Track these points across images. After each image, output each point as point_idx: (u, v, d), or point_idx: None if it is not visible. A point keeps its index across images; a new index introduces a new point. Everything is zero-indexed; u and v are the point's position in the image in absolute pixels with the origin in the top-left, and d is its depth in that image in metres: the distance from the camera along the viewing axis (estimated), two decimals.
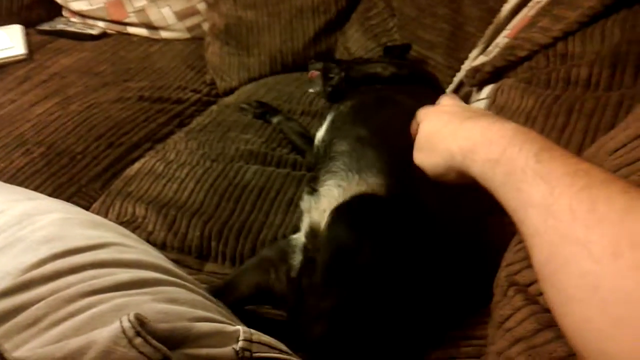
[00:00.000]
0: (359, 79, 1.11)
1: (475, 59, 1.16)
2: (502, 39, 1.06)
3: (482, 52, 1.14)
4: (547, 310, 0.48)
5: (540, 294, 0.51)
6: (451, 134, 0.55)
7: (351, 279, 0.67)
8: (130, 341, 0.39)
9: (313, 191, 0.83)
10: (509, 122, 0.49)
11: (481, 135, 0.49)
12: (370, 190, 0.76)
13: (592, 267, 0.33)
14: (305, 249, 0.77)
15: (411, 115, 0.70)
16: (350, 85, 1.10)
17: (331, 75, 1.08)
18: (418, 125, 0.65)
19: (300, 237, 0.80)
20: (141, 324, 0.39)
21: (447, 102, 0.66)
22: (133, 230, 0.95)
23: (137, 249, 0.56)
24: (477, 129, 0.51)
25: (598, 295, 0.32)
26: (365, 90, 1.05)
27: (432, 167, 0.59)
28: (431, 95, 1.10)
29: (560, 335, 0.45)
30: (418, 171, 0.65)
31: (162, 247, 0.95)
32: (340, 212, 0.73)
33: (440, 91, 1.19)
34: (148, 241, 0.93)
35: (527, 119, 0.83)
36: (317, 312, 0.67)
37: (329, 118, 1.01)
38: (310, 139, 1.11)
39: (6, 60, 1.52)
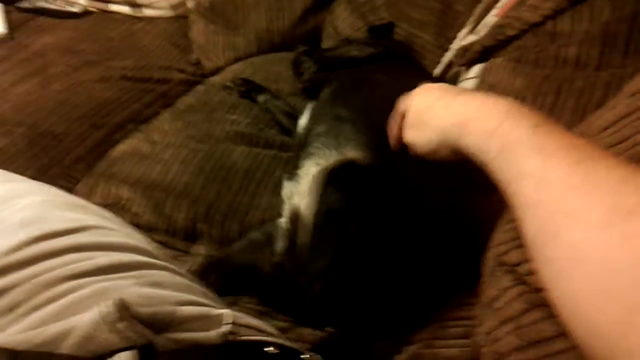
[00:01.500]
0: (335, 65, 1.09)
1: (464, 38, 1.14)
2: (491, 18, 1.05)
3: (471, 31, 1.13)
4: (536, 290, 0.48)
5: (529, 274, 0.50)
6: (444, 109, 0.54)
7: (342, 240, 0.67)
8: (111, 326, 0.38)
9: (292, 176, 0.82)
10: (503, 97, 0.48)
11: (476, 110, 0.49)
12: None
13: (582, 237, 0.32)
14: (289, 233, 0.77)
15: (388, 91, 0.69)
16: (326, 72, 1.08)
17: (301, 71, 1.06)
18: (403, 108, 0.64)
19: (283, 223, 0.80)
20: (123, 308, 0.39)
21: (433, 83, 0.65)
22: (118, 212, 0.94)
23: (119, 231, 0.55)
24: (472, 104, 0.50)
25: (587, 266, 0.32)
26: (342, 74, 1.04)
27: (424, 143, 0.58)
28: (408, 70, 1.09)
29: (549, 315, 0.45)
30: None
31: (148, 229, 0.94)
32: (331, 175, 0.73)
33: (417, 66, 1.18)
34: (133, 223, 0.92)
35: (516, 98, 0.80)
36: (313, 273, 0.68)
37: (309, 105, 1.00)
38: (297, 118, 1.10)
39: None
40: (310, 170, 0.79)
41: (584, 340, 0.32)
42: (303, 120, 0.99)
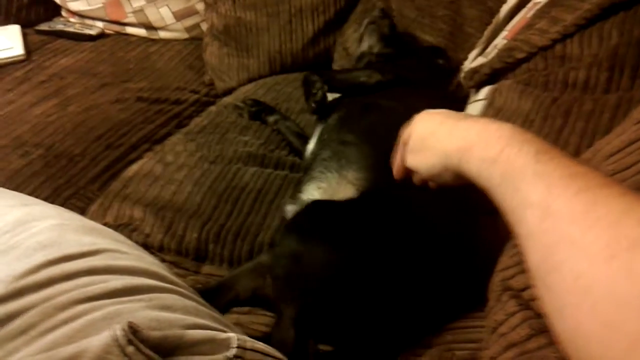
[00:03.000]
0: (343, 89, 1.10)
1: (473, 60, 1.15)
2: (500, 40, 1.06)
3: (481, 53, 1.14)
4: (541, 315, 0.48)
5: (534, 299, 0.50)
6: (447, 134, 0.54)
7: (310, 283, 0.67)
8: (122, 349, 0.39)
9: (295, 201, 0.83)
10: (505, 123, 0.49)
11: (478, 135, 0.49)
12: (350, 186, 0.76)
13: (586, 269, 0.32)
14: None
15: (394, 117, 0.70)
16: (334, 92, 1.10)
17: (314, 91, 1.07)
18: (406, 136, 0.65)
19: None
20: (134, 332, 0.39)
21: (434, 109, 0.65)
22: (130, 233, 0.96)
23: (131, 255, 0.56)
24: (474, 129, 0.50)
25: (591, 298, 0.31)
26: (351, 101, 1.05)
27: (427, 168, 0.58)
28: (419, 96, 1.09)
29: (553, 341, 0.45)
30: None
31: (159, 249, 0.95)
32: (288, 224, 0.73)
33: (431, 91, 1.18)
34: (145, 244, 0.94)
35: (524, 121, 0.83)
36: (289, 321, 0.68)
37: (317, 130, 1.01)
38: (307, 139, 1.11)
39: (4, 60, 1.52)
40: (312, 194, 0.79)
41: None
42: (311, 146, 1.00)
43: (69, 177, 1.13)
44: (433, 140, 0.57)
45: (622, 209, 0.33)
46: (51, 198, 1.07)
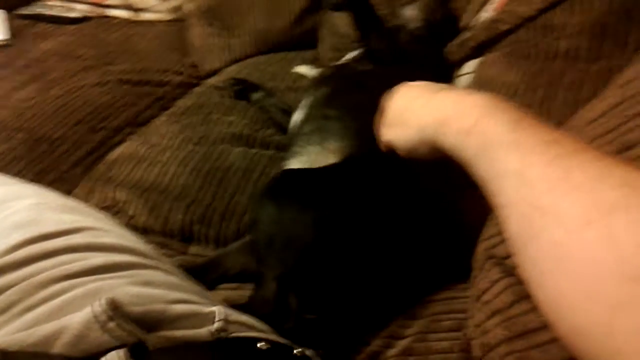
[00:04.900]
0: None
1: (460, 34, 1.15)
2: (486, 14, 1.05)
3: (467, 26, 1.13)
4: (523, 282, 0.49)
5: (517, 266, 0.51)
6: (423, 107, 0.53)
7: (290, 244, 0.67)
8: (103, 325, 0.38)
9: None
10: (481, 93, 0.48)
11: (453, 107, 0.48)
12: (331, 156, 0.76)
13: (563, 237, 0.32)
14: None
15: (379, 93, 0.69)
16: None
17: None
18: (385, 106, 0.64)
19: None
20: (114, 307, 0.39)
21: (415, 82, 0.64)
22: (115, 215, 0.95)
23: (112, 232, 0.55)
24: (449, 101, 0.49)
25: (569, 266, 0.31)
26: (342, 77, 1.04)
27: (403, 142, 0.57)
28: (412, 76, 1.08)
29: (536, 307, 0.45)
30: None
31: (144, 231, 0.94)
32: (263, 192, 0.74)
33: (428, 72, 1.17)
34: (130, 226, 0.93)
35: (508, 92, 0.83)
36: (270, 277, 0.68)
37: (305, 102, 1.00)
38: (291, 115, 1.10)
39: None
40: (295, 166, 0.79)
41: (569, 339, 0.32)
42: (296, 117, 0.99)
43: (51, 161, 1.12)
44: (409, 113, 0.56)
45: (598, 174, 0.32)
46: (34, 182, 1.05)
